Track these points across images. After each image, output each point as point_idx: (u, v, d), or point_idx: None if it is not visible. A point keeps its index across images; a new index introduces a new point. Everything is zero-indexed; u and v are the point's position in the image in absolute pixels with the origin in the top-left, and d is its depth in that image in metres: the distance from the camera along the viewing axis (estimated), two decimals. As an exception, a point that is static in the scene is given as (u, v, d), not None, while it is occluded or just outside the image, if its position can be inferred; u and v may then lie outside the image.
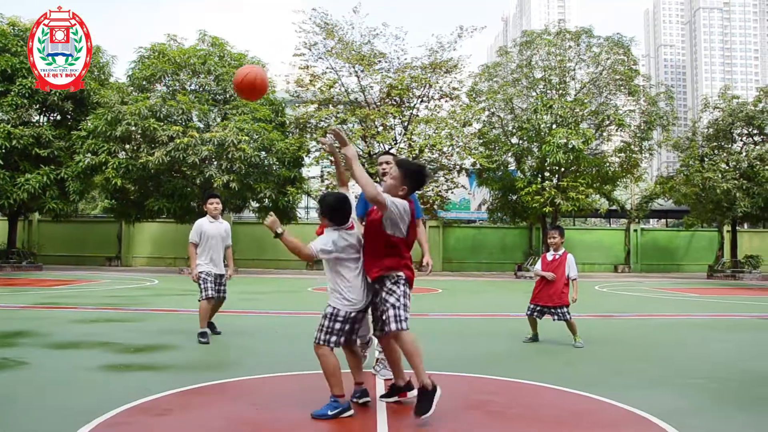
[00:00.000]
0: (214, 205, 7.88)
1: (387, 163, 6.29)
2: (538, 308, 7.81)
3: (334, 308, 4.43)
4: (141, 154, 24.30)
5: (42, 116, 27.73)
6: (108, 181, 24.34)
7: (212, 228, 7.77)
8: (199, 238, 7.73)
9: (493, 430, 4.25)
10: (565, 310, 7.66)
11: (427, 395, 4.19)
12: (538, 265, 8.03)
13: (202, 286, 7.61)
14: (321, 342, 4.40)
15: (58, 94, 25.80)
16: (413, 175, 4.41)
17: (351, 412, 4.42)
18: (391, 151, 24.06)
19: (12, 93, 25.46)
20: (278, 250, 31.41)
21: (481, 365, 6.43)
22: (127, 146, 25.24)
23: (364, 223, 4.84)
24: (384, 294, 4.40)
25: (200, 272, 7.63)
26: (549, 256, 7.96)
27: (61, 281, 19.07)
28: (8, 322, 9.35)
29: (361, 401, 4.69)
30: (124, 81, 28.04)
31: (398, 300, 4.34)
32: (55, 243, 31.90)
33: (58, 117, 28.00)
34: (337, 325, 4.42)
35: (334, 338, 4.40)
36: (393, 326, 4.29)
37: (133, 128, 24.15)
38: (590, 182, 27.13)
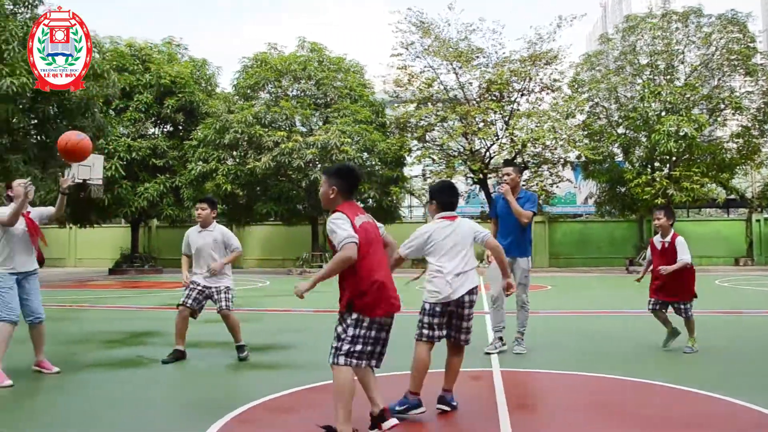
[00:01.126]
0: (198, 211, 6.92)
1: (507, 174, 6.85)
2: (659, 303, 7.01)
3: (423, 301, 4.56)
4: (248, 160, 25.26)
5: (157, 128, 29.35)
6: (218, 187, 25.46)
7: (198, 238, 6.91)
8: (187, 249, 7.05)
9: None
10: (689, 305, 6.90)
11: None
12: (648, 253, 7.28)
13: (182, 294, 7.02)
14: (416, 337, 4.54)
15: (170, 106, 27.28)
16: (337, 173, 4.06)
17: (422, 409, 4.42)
18: (514, 162, 23.82)
19: (131, 108, 27.15)
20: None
21: (598, 363, 6.24)
22: (235, 153, 26.30)
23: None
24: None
25: (190, 281, 6.97)
26: (657, 242, 7.09)
27: (180, 283, 20.13)
28: (139, 322, 9.98)
29: (441, 406, 4.62)
30: (229, 91, 29.28)
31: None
32: (172, 247, 33.65)
33: (171, 128, 29.54)
34: (426, 319, 4.48)
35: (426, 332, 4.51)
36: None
37: (240, 135, 25.16)
38: (705, 171, 25.66)
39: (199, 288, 6.83)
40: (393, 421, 3.93)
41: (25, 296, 5.82)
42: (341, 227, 3.79)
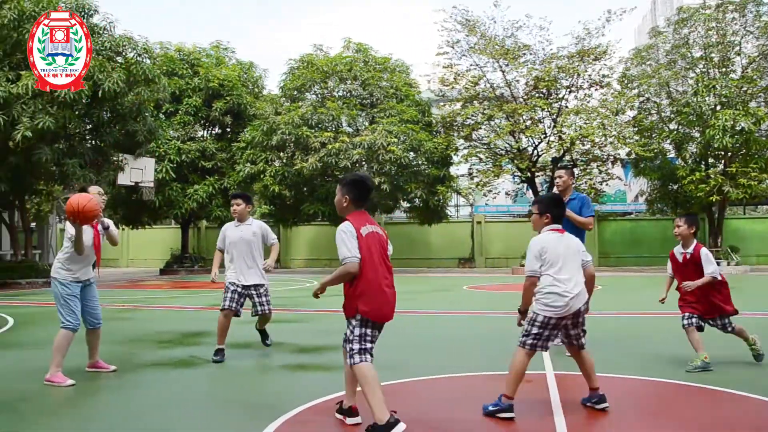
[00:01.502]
0: (233, 207, 7.00)
1: (559, 177, 6.68)
2: (695, 317, 6.04)
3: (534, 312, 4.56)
4: (295, 161, 25.48)
5: (205, 131, 29.87)
6: (266, 188, 25.76)
7: (235, 233, 6.91)
8: (222, 244, 7.04)
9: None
10: (727, 320, 6.08)
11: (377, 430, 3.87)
12: (669, 268, 6.41)
13: (222, 296, 6.95)
14: (520, 344, 4.52)
15: (218, 109, 27.75)
16: (349, 183, 4.25)
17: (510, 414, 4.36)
18: (566, 165, 23.46)
19: (180, 112, 27.70)
20: (430, 248, 31.79)
21: (653, 367, 6.05)
22: (282, 154, 26.55)
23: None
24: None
25: (228, 282, 6.87)
26: (677, 254, 6.23)
27: (209, 284, 20.39)
28: (190, 322, 10.13)
29: (598, 407, 4.57)
30: (276, 93, 29.61)
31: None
32: (221, 248, 34.22)
33: (219, 131, 30.02)
34: (537, 330, 4.46)
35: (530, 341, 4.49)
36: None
37: (287, 137, 25.41)
38: (764, 166, 24.78)
39: (240, 290, 6.84)
40: (358, 418, 4.25)
41: (87, 302, 5.93)
42: (345, 243, 4.05)
